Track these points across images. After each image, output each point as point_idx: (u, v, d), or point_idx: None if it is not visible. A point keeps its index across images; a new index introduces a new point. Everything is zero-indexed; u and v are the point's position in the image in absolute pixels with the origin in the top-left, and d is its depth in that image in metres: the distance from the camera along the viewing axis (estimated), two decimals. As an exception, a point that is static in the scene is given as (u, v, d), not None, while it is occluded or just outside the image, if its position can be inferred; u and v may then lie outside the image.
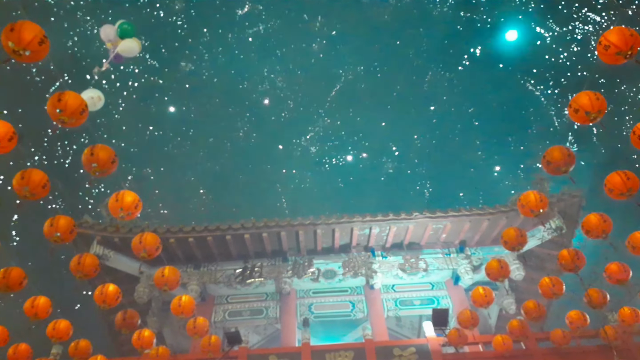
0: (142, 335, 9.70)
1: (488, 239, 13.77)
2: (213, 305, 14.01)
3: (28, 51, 4.94)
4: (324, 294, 14.10)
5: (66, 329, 9.01)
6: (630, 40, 5.30)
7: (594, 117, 5.93)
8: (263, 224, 13.04)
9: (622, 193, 6.50)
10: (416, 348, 11.22)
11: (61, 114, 5.39)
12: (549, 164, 6.66)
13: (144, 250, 7.54)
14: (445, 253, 13.76)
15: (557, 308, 13.80)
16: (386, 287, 14.01)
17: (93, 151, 6.05)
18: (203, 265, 13.89)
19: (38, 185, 6.08)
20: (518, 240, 8.21)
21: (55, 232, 6.75)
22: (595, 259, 10.13)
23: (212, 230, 12.98)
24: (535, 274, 13.55)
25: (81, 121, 5.63)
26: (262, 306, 14.01)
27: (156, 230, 12.35)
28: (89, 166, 6.08)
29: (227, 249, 13.50)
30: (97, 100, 7.26)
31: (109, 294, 8.29)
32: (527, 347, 10.97)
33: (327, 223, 12.95)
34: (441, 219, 12.99)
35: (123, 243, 12.83)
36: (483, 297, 9.55)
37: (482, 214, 12.88)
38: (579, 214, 12.86)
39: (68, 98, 5.42)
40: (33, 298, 8.35)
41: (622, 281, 8.57)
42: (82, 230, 12.69)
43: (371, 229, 13.24)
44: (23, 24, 4.91)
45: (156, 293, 13.40)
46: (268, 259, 13.91)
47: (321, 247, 13.75)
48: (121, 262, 13.35)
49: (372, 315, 13.32)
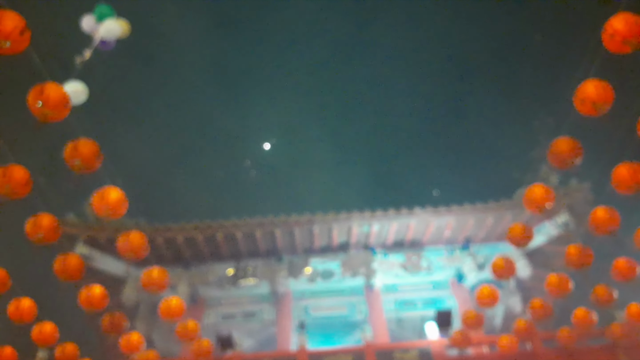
0: (130, 339, 9.55)
1: (493, 235, 13.41)
2: (204, 308, 13.79)
3: (8, 42, 4.76)
4: (322, 295, 13.88)
5: (52, 332, 8.89)
6: (635, 27, 5.11)
7: (600, 107, 5.75)
8: (256, 221, 12.73)
9: (629, 186, 6.35)
10: (419, 351, 11.01)
11: (43, 107, 5.24)
12: (556, 156, 6.43)
13: (130, 251, 7.41)
14: (449, 251, 13.52)
15: (563, 306, 13.58)
16: (387, 287, 13.72)
17: (76, 146, 5.84)
18: (193, 266, 13.60)
19: (20, 183, 5.88)
20: (524, 236, 7.98)
21: (39, 232, 6.55)
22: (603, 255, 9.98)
23: (203, 228, 12.69)
24: (542, 271, 13.24)
25: (64, 115, 5.49)
26: (256, 308, 13.84)
27: (143, 229, 11.98)
28: (72, 162, 5.89)
29: (218, 248, 13.20)
30: (80, 93, 7.05)
31: (95, 296, 8.19)
32: (533, 347, 10.83)
33: (324, 220, 12.62)
34: (444, 214, 12.68)
35: (109, 243, 12.51)
36: (488, 297, 9.29)
37: (487, 209, 12.59)
38: (586, 209, 12.53)
39: (50, 90, 5.28)
40: (17, 300, 8.16)
41: (630, 278, 8.34)
42: (67, 229, 12.38)
43: (371, 226, 12.90)
44: (3, 14, 4.73)
45: (144, 295, 13.16)
46: (262, 259, 13.61)
47: (318, 245, 13.42)
48: (107, 262, 13.03)
49: (372, 317, 13.05)
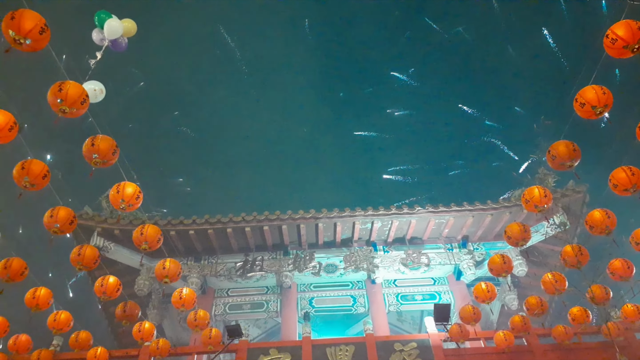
0: (142, 328, 9.74)
1: (491, 234, 13.68)
2: (213, 298, 14.03)
3: (29, 40, 4.88)
4: (325, 288, 14.10)
5: (67, 321, 9.04)
6: (637, 33, 5.24)
7: (600, 111, 5.88)
8: (264, 217, 12.96)
9: (626, 189, 6.48)
10: (417, 343, 11.14)
11: (62, 104, 5.35)
12: (554, 159, 6.57)
13: (145, 242, 7.52)
14: (448, 248, 13.68)
15: (559, 304, 13.73)
16: (388, 282, 13.99)
17: (94, 142, 6.01)
18: (204, 258, 13.86)
19: (38, 176, 6.04)
20: (522, 235, 8.12)
21: (55, 224, 6.71)
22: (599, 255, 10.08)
23: (213, 222, 12.93)
24: (538, 269, 13.48)
25: (82, 111, 5.59)
26: (262, 299, 14.03)
27: (157, 223, 12.32)
28: (90, 157, 6.04)
29: (228, 241, 13.45)
30: (99, 92, 7.21)
31: (110, 285, 8.32)
32: (528, 343, 10.92)
33: (329, 217, 12.88)
34: (444, 213, 12.91)
35: (123, 235, 12.85)
36: (485, 293, 9.47)
37: (486, 208, 12.80)
38: (583, 210, 12.76)
39: (69, 88, 5.37)
40: (34, 289, 8.38)
41: (626, 278, 8.50)
42: (83, 221, 12.66)
43: (373, 223, 13.17)
44: (24, 13, 4.83)
45: (156, 285, 13.42)
46: (269, 252, 13.86)
47: (323, 240, 13.68)
48: (121, 254, 13.33)
49: (373, 309, 13.29)
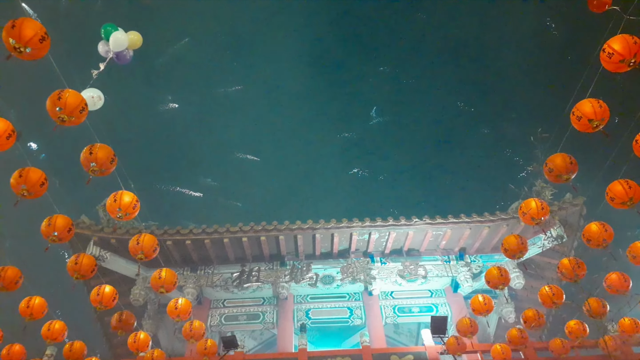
0: (137, 338, 9.66)
1: (488, 246, 13.70)
2: (209, 309, 13.92)
3: (29, 48, 4.92)
4: (322, 299, 14.02)
5: (61, 330, 9.00)
6: (633, 47, 5.34)
7: (597, 124, 5.95)
8: (261, 227, 12.92)
9: (623, 202, 6.51)
10: (414, 355, 11.13)
11: (61, 112, 5.38)
12: (551, 171, 6.64)
13: (141, 252, 7.53)
14: (445, 260, 13.66)
15: (556, 317, 13.71)
16: (384, 294, 13.92)
17: (92, 150, 6.04)
18: (200, 268, 13.79)
19: (36, 184, 6.06)
20: (519, 248, 8.13)
21: (53, 232, 6.77)
22: (596, 268, 10.08)
23: (210, 232, 12.88)
24: (535, 282, 13.44)
25: (81, 120, 5.62)
26: (258, 311, 13.93)
27: (153, 232, 12.28)
28: (88, 165, 6.06)
29: (224, 251, 13.39)
30: (97, 100, 7.27)
31: (106, 295, 8.34)
32: (525, 356, 10.89)
33: (326, 227, 12.85)
34: (441, 225, 12.90)
35: (120, 244, 12.78)
36: (482, 305, 9.51)
37: (483, 221, 12.82)
38: (580, 223, 12.78)
39: (68, 96, 5.41)
40: (29, 298, 8.33)
41: (623, 291, 8.55)
42: (79, 230, 12.60)
43: (370, 235, 13.15)
44: (24, 21, 4.88)
45: (152, 295, 13.37)
46: (266, 263, 13.82)
47: (320, 252, 13.66)
48: (117, 263, 13.25)
49: (370, 321, 13.21)
